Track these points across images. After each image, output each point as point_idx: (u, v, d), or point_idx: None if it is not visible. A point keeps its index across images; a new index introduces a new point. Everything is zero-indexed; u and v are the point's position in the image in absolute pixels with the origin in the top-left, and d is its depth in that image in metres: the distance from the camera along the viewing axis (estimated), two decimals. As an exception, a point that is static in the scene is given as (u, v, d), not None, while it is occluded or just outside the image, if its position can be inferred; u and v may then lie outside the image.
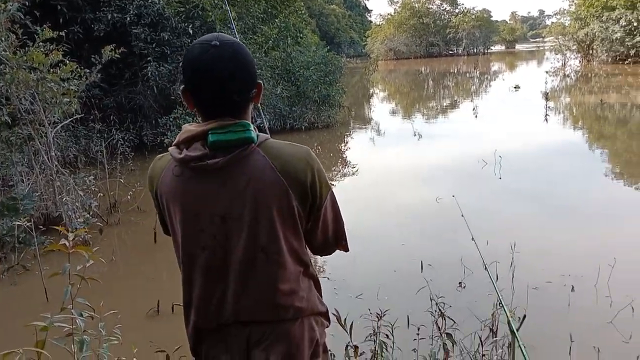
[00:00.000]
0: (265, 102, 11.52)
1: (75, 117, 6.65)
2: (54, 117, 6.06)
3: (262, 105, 11.23)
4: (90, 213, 5.98)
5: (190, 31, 10.00)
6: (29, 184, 6.03)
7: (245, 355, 1.42)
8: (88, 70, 6.44)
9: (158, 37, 9.92)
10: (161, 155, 1.43)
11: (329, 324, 1.57)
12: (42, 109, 5.81)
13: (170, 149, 1.37)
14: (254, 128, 1.36)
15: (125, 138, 9.70)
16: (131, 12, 9.76)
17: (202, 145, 1.31)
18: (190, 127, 1.34)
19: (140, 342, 3.40)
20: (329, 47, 14.49)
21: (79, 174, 6.58)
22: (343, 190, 8.06)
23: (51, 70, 5.76)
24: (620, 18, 28.77)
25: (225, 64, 1.27)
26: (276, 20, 12.86)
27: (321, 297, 1.53)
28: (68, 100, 6.03)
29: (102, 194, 6.54)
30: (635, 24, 28.03)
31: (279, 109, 11.84)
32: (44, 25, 5.90)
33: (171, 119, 10.01)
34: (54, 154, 6.01)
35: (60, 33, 6.11)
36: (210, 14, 10.29)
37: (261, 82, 1.40)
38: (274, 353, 1.39)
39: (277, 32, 12.65)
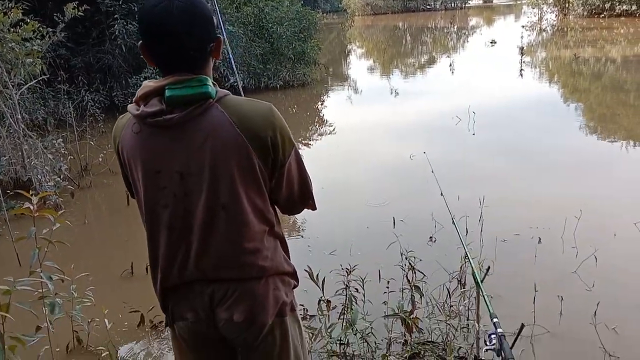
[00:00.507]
0: (239, 60, 11.28)
1: (41, 78, 6.45)
2: (18, 78, 5.87)
3: (235, 63, 11.04)
4: (61, 176, 5.88)
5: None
6: (-5, 148, 5.89)
7: (210, 312, 1.42)
8: (52, 30, 6.22)
9: (123, -6, 9.57)
10: (123, 114, 1.40)
11: (297, 283, 1.57)
12: (4, 71, 5.62)
13: (129, 106, 1.35)
14: (213, 83, 1.33)
15: (95, 99, 9.48)
16: (95, -34, 9.35)
17: (159, 101, 1.29)
18: (149, 83, 1.32)
19: (115, 304, 3.42)
20: (303, 2, 14.11)
21: (48, 137, 6.44)
22: (319, 149, 8.05)
23: (11, 30, 5.54)
24: (597, -30, 28.61)
25: (179, 17, 1.23)
26: (247, -26, 12.47)
27: (288, 256, 1.53)
28: (32, 61, 5.83)
29: (72, 157, 6.43)
30: (611, -24, 27.91)
31: (252, 66, 11.62)
32: (1, -18, 5.64)
33: (142, 79, 9.76)
34: (20, 116, 5.84)
35: (19, -11, 5.85)
36: (178, -32, 9.92)
37: (220, 36, 1.35)
38: (237, 311, 1.40)
39: (248, -14, 12.29)
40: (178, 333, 1.51)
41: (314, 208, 1.56)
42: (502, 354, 1.85)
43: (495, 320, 1.93)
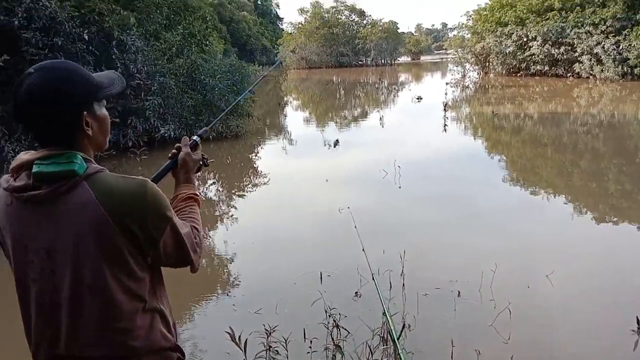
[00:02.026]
0: (170, 111, 11.22)
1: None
2: None
3: (166, 114, 10.97)
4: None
5: (86, 37, 9.54)
6: None
7: None
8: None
9: (51, 43, 9.36)
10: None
11: (182, 356, 1.52)
12: None
13: (2, 177, 1.33)
14: (87, 159, 1.31)
15: (16, 149, 9.06)
16: (20, 15, 9.14)
17: (27, 175, 1.28)
18: (23, 156, 1.31)
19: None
20: (239, 55, 14.37)
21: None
22: (251, 200, 8.03)
23: None
24: (512, 33, 31.00)
25: (34, 94, 1.24)
26: (179, 27, 12.57)
27: (169, 330, 1.47)
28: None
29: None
30: (524, 39, 30.32)
31: (184, 118, 11.57)
32: None
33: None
34: None
35: None
36: (107, 19, 9.89)
37: (93, 112, 1.33)
38: None
39: (180, 39, 12.37)
40: None
41: (193, 271, 1.51)
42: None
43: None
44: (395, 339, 2.42)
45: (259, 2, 70.50)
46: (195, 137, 1.75)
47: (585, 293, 4.41)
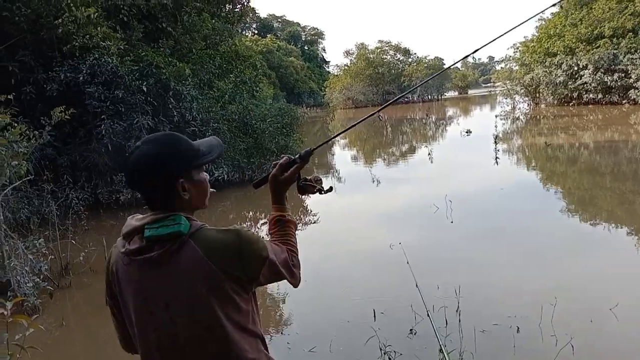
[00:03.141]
0: (223, 155, 11.61)
1: (26, 178, 6.57)
2: (2, 180, 5.98)
3: (220, 158, 11.35)
4: (41, 277, 5.83)
5: (145, 88, 10.11)
6: (-25, 250, 5.86)
7: None
8: (38, 132, 6.43)
9: (112, 95, 9.98)
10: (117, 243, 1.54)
11: None
12: (-11, 174, 5.73)
13: (118, 240, 1.50)
14: (188, 217, 1.45)
15: (80, 197, 9.57)
16: (84, 71, 9.83)
17: (140, 239, 1.43)
18: (131, 222, 1.47)
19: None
20: (287, 98, 14.82)
21: (30, 237, 6.44)
22: (302, 239, 8.05)
23: (-1, 133, 5.74)
24: (562, 63, 30.47)
25: (139, 164, 1.43)
26: (231, 75, 13.12)
27: (267, 351, 1.60)
28: (17, 163, 5.98)
29: (53, 257, 6.40)
30: (575, 68, 29.71)
31: (237, 160, 11.93)
32: (-7, 89, 5.91)
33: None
34: (2, 217, 5.88)
35: (9, 96, 6.12)
36: (164, 71, 10.46)
37: (190, 178, 1.47)
38: None
39: (232, 86, 12.89)
40: None
41: (295, 286, 1.66)
42: None
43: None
44: (453, 375, 2.38)
45: (306, 48, 72.43)
46: (294, 156, 1.81)
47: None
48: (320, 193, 1.87)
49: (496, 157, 13.85)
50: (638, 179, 10.38)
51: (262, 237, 1.57)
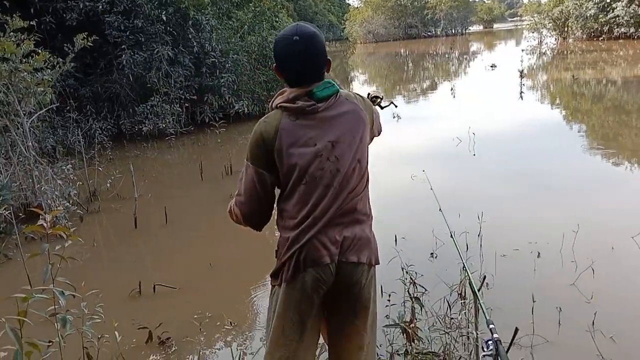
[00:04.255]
0: (243, 87, 11.54)
1: (50, 107, 6.65)
2: (29, 107, 6.07)
3: (240, 91, 11.29)
4: (70, 202, 6.02)
5: (164, 18, 9.96)
6: (7, 175, 6.03)
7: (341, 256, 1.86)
8: (62, 60, 6.44)
9: (132, 25, 9.87)
10: (265, 116, 1.88)
11: None
12: (16, 100, 5.81)
13: (282, 105, 1.83)
14: (335, 82, 1.89)
15: (103, 127, 9.70)
16: (103, 0, 9.68)
17: (307, 99, 1.81)
18: (290, 90, 1.84)
19: (123, 321, 3.50)
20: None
21: (57, 164, 6.60)
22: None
23: (24, 60, 5.75)
24: (594, -5, 29.07)
25: (304, 54, 1.79)
26: (250, 4, 12.80)
27: None
28: (42, 90, 6.04)
29: (81, 183, 6.57)
30: (608, 0, 28.34)
31: (257, 93, 11.86)
32: (14, 15, 5.87)
33: (148, 107, 10.01)
34: (30, 144, 6.01)
35: (32, 22, 6.09)
36: (183, 0, 10.25)
37: (330, 59, 1.89)
38: (363, 255, 1.88)
39: (252, 16, 12.61)
40: (300, 286, 1.83)
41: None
42: (499, 358, 1.93)
43: (491, 326, 2.00)
44: (476, 291, 2.45)
45: (325, -22, 69.88)
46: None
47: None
48: (381, 108, 2.37)
49: (521, 92, 13.54)
50: (666, 116, 10.10)
51: None
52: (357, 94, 1.98)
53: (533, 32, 36.22)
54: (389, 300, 3.33)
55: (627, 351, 3.00)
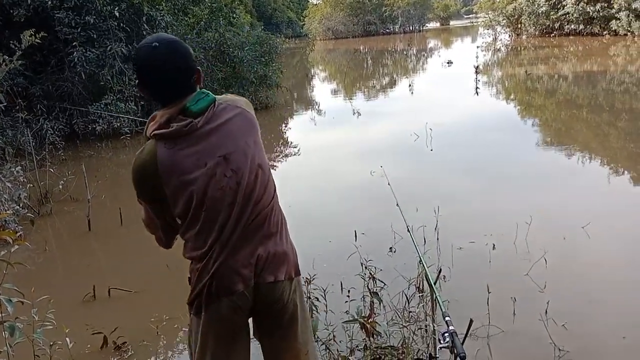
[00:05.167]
0: (200, 84, 11.35)
1: (-3, 106, 6.38)
2: (-27, 107, 5.81)
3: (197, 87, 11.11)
4: (20, 204, 5.79)
5: (117, 14, 9.70)
6: (-49, 178, 5.77)
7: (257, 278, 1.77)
8: (8, 57, 6.18)
9: (83, 21, 9.57)
10: (140, 150, 1.71)
11: None
12: (-41, 99, 5.56)
13: (156, 133, 1.64)
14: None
15: (55, 127, 9.38)
16: (52, -6, 9.35)
17: (182, 118, 1.63)
18: (162, 112, 1.65)
19: (77, 327, 3.40)
20: (264, 28, 14.44)
21: (6, 166, 6.34)
22: (285, 170, 8.15)
23: (-34, 58, 5.50)
24: (545, -8, 29.91)
25: (167, 62, 1.61)
26: (206, 0, 12.62)
27: None
28: (-13, 88, 5.79)
29: (32, 185, 6.33)
30: (558, -2, 29.23)
31: (214, 91, 11.67)
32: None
33: (102, 106, 9.74)
34: (-24, 145, 5.76)
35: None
36: (136, -5, 10.01)
37: (199, 68, 1.73)
38: (280, 272, 1.78)
39: (208, 12, 12.43)
40: (216, 316, 1.71)
41: None
42: (455, 350, 1.96)
43: (447, 318, 2.03)
44: (432, 284, 2.49)
45: (283, -26, 69.60)
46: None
47: (622, 243, 4.38)
48: None
49: (476, 88, 13.83)
50: (614, 111, 10.48)
51: None
52: (240, 97, 1.82)
53: (488, 29, 37.03)
54: (348, 296, 3.33)
55: (578, 338, 3.09)
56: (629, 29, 25.01)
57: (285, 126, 12.03)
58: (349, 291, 3.36)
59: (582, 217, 4.67)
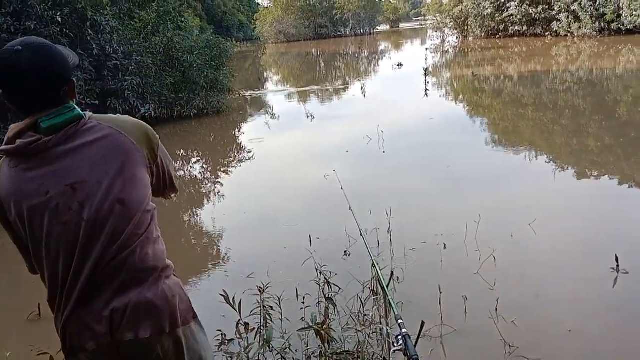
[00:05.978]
0: (149, 90, 11.12)
1: None
2: None
3: (145, 94, 10.88)
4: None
5: (59, 19, 9.36)
6: None
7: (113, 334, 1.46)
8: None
9: (23, 27, 9.17)
10: None
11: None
12: None
13: (1, 149, 1.41)
14: (76, 106, 1.45)
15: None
16: (-12, 0, 8.94)
17: (32, 134, 1.38)
18: (15, 125, 1.41)
19: (20, 347, 3.25)
20: (215, 32, 14.27)
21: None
22: (238, 175, 8.07)
23: None
24: (490, -5, 30.88)
25: (30, 68, 1.35)
26: (153, 4, 12.37)
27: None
28: None
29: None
30: (502, 0, 30.21)
31: (164, 96, 11.49)
32: None
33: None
34: None
35: None
36: None
37: (73, 80, 1.47)
38: (142, 328, 1.46)
39: (155, 16, 12.19)
40: None
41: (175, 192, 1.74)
42: (408, 352, 1.97)
43: (400, 321, 2.04)
44: (385, 287, 2.50)
45: (233, -23, 69.10)
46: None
47: (567, 238, 4.56)
48: None
49: (426, 90, 14.10)
50: (557, 109, 10.90)
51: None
52: (128, 117, 1.53)
53: (436, 31, 37.92)
54: (303, 303, 3.33)
55: (526, 333, 3.19)
56: (569, 30, 26.14)
57: (239, 131, 11.92)
58: (304, 298, 3.35)
59: (529, 214, 4.82)
